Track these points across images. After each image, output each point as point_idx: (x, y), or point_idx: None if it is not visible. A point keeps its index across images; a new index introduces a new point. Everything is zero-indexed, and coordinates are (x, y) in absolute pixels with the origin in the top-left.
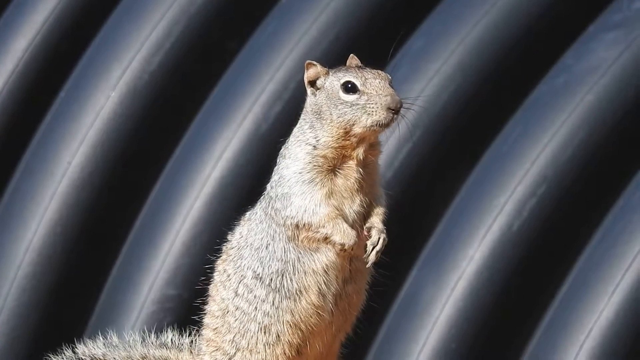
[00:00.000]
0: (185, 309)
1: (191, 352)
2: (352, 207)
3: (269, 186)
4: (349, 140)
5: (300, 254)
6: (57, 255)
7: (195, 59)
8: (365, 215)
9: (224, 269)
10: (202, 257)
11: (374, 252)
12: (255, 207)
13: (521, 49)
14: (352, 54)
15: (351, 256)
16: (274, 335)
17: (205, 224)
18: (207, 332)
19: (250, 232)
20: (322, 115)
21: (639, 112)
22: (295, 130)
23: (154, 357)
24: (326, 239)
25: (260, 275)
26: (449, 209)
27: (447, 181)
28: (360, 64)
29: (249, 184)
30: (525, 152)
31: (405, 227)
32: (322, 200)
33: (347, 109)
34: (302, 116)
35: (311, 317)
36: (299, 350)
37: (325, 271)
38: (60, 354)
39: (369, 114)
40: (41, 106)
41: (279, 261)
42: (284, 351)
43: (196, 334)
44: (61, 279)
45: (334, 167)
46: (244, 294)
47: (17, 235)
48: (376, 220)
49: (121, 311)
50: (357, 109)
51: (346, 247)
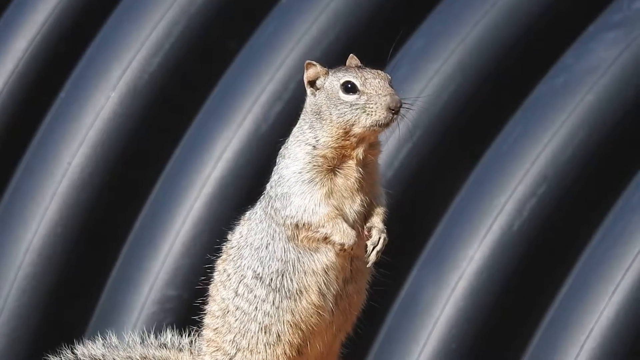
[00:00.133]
0: (185, 310)
1: (191, 352)
2: (352, 206)
3: (268, 186)
4: (348, 140)
5: (300, 253)
6: (57, 255)
7: (195, 59)
8: (365, 215)
9: (224, 268)
10: (202, 257)
11: (374, 252)
12: (255, 207)
13: (521, 49)
14: (351, 54)
15: (351, 256)
16: (275, 335)
17: (205, 224)
18: (207, 332)
19: (250, 231)
20: (322, 115)
21: (639, 112)
22: (294, 130)
23: (154, 358)
24: (326, 239)
25: (260, 275)
26: (449, 209)
27: (447, 181)
28: (360, 64)
29: (249, 184)
30: (525, 152)
31: (405, 226)
32: (322, 200)
33: (346, 109)
34: (302, 116)
35: (312, 317)
36: (299, 350)
37: (325, 271)
38: (60, 354)
39: (369, 114)
40: (41, 106)
41: (279, 261)
42: (285, 351)
43: (196, 334)
44: (61, 280)
45: (333, 167)
46: (244, 294)
47: (18, 235)
48: (376, 220)
49: (121, 312)
50: (357, 109)
51: (346, 246)
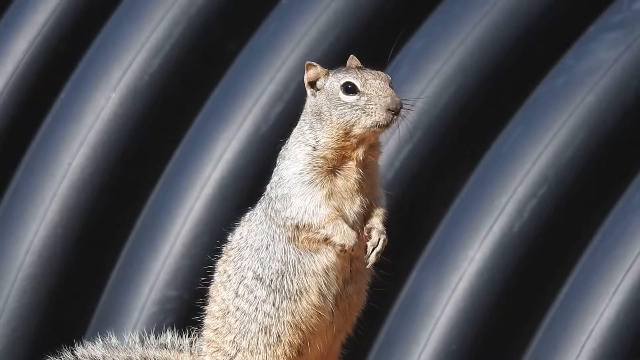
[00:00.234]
0: (185, 310)
1: (192, 353)
2: (352, 208)
3: (268, 187)
4: (348, 141)
5: (300, 254)
6: (57, 256)
7: (195, 60)
8: (365, 216)
9: (224, 269)
10: (203, 258)
11: (374, 253)
12: (255, 208)
13: (521, 49)
14: (352, 55)
15: (351, 257)
16: (275, 335)
17: (205, 225)
18: (207, 333)
19: (250, 232)
20: (322, 116)
21: (639, 112)
22: (295, 131)
23: (154, 359)
24: (326, 240)
25: (260, 276)
26: (449, 210)
27: (447, 182)
28: (360, 65)
29: (249, 185)
30: (525, 153)
31: (405, 228)
32: (322, 201)
33: (347, 110)
34: (302, 117)
35: (312, 317)
36: (299, 350)
37: (325, 272)
38: (60, 355)
39: (369, 115)
40: (41, 107)
41: (279, 262)
42: (285, 352)
43: (197, 335)
44: (62, 280)
45: (333, 168)
46: (244, 295)
47: (18, 236)
48: (376, 221)
49: (122, 312)
50: (357, 110)
51: (346, 248)
